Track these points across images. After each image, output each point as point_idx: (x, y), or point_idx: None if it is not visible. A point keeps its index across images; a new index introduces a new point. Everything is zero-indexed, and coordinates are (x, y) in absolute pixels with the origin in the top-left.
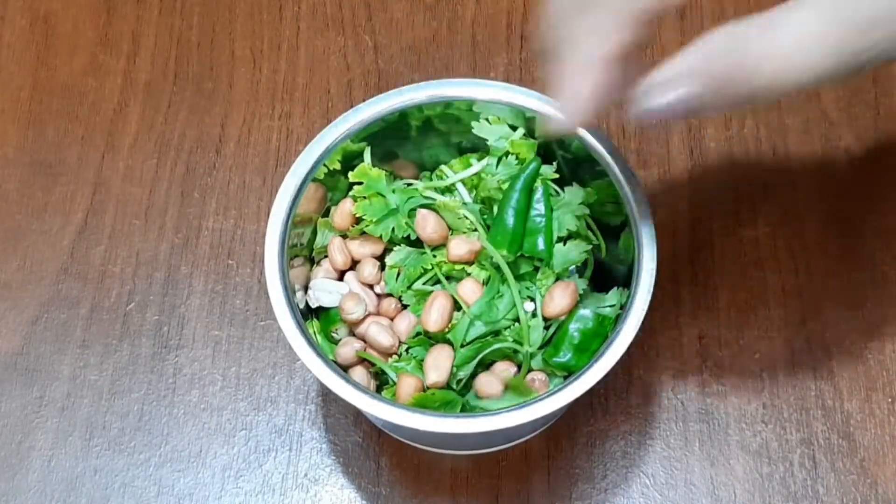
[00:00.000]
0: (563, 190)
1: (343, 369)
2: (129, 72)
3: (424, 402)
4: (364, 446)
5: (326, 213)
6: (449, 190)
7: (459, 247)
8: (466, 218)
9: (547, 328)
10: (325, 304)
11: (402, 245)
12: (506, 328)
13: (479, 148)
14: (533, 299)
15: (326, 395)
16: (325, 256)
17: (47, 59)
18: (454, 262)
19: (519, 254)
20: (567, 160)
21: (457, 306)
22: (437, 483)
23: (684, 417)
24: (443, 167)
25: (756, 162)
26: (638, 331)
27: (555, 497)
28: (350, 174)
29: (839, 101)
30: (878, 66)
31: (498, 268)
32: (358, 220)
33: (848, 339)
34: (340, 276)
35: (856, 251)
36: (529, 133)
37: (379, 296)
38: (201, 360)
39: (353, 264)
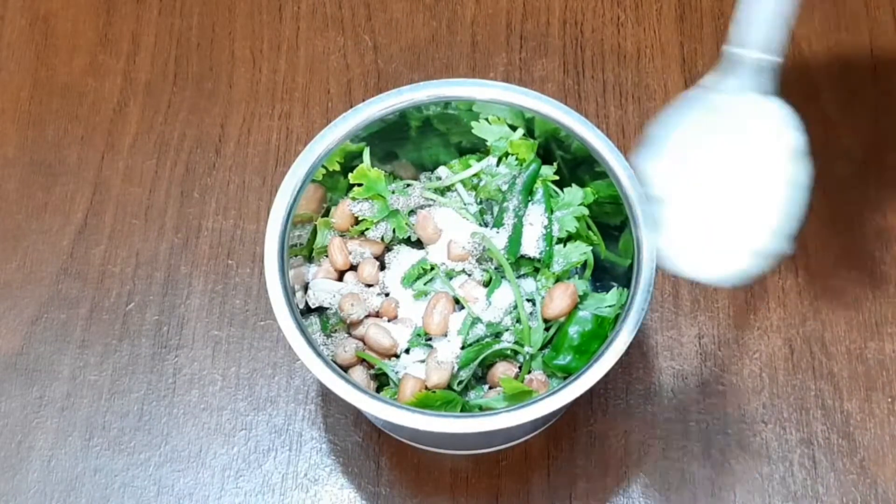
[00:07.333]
0: (562, 191)
1: (343, 369)
2: (129, 72)
3: (425, 401)
4: (364, 446)
5: (326, 213)
6: (449, 190)
7: (460, 247)
8: (466, 219)
9: (547, 329)
10: (325, 304)
11: (402, 245)
12: (506, 329)
13: (479, 148)
14: (533, 301)
15: (326, 395)
16: (325, 256)
17: (47, 59)
18: (454, 262)
19: (519, 255)
20: (567, 161)
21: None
22: (437, 483)
23: (684, 417)
24: (443, 167)
25: None
26: (637, 331)
27: (554, 497)
28: (350, 175)
29: (839, 102)
30: None
31: (498, 268)
32: (358, 221)
33: (848, 339)
34: (340, 276)
35: (856, 251)
36: (529, 133)
37: (379, 296)
38: (201, 360)
39: (353, 264)
